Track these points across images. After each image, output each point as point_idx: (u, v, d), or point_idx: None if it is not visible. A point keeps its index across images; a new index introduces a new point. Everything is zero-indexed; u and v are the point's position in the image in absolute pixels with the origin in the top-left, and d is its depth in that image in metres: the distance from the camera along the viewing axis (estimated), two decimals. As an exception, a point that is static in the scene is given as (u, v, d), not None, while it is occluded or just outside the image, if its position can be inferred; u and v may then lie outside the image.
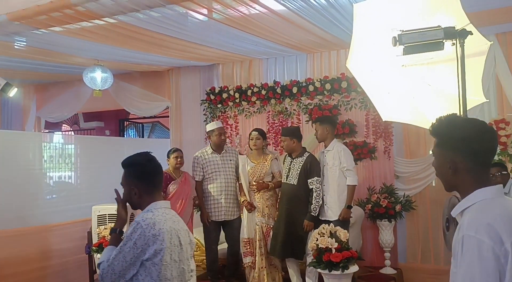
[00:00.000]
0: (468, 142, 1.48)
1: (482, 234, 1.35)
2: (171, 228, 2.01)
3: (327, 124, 4.39)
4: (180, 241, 2.05)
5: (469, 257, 1.36)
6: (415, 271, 5.23)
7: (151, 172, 2.13)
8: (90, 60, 5.66)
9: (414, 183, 5.36)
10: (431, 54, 2.62)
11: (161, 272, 1.95)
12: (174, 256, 2.01)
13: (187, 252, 2.12)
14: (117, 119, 9.34)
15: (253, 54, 5.88)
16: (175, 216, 2.11)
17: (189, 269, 2.16)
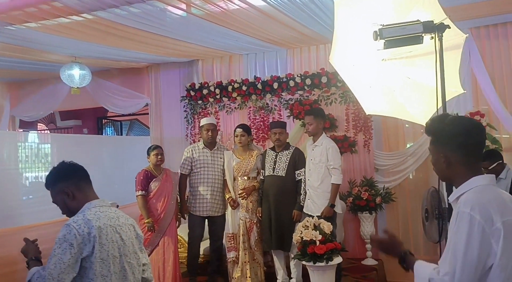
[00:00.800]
0: (458, 136, 1.63)
1: (475, 211, 1.49)
2: (106, 225, 2.02)
3: (320, 118, 4.39)
4: (121, 236, 2.07)
5: (459, 229, 1.51)
6: (396, 261, 5.31)
7: (75, 171, 2.16)
8: (67, 57, 5.55)
9: (393, 175, 5.46)
10: (410, 48, 2.69)
11: (97, 270, 1.95)
12: (113, 252, 2.02)
13: (133, 246, 2.15)
14: (95, 117, 9.18)
15: (233, 50, 5.87)
16: (114, 213, 2.12)
17: (139, 262, 2.19)
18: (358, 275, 4.75)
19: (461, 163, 1.63)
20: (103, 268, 1.98)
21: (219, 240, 4.75)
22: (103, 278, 1.98)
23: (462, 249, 1.48)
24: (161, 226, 4.41)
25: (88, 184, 2.16)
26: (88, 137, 7.94)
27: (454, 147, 1.63)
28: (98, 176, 6.59)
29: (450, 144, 1.64)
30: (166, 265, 4.35)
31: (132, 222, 2.22)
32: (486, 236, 1.47)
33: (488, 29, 5.06)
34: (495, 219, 1.48)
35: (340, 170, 4.26)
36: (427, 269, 1.62)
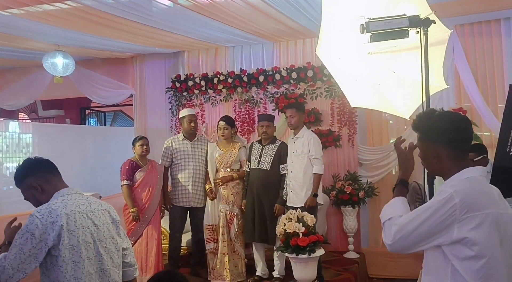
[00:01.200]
0: (446, 132, 1.66)
1: (457, 195, 1.53)
2: (74, 211, 2.03)
3: (302, 111, 4.46)
4: (93, 222, 2.08)
5: (435, 199, 1.58)
6: (377, 255, 5.41)
7: (40, 164, 2.17)
8: (50, 45, 5.45)
9: (377, 170, 5.52)
10: (395, 42, 2.71)
11: (66, 257, 1.96)
12: (84, 238, 2.02)
13: (109, 231, 2.16)
14: (78, 107, 9.06)
15: (219, 42, 5.84)
16: (85, 199, 2.14)
17: (117, 247, 2.20)
18: (340, 268, 4.81)
19: (450, 157, 1.67)
20: (74, 255, 1.98)
21: (201, 232, 4.75)
22: (75, 264, 1.98)
23: (425, 214, 1.56)
24: (145, 216, 4.40)
25: (56, 175, 2.17)
26: (71, 127, 7.84)
27: (444, 142, 1.66)
28: (80, 167, 6.59)
29: (440, 140, 1.67)
30: (149, 256, 4.34)
31: (107, 207, 2.22)
32: (451, 219, 1.52)
33: (472, 27, 5.13)
34: (474, 209, 1.52)
35: (322, 160, 4.30)
36: (396, 210, 1.71)
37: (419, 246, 1.60)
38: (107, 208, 2.22)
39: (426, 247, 1.60)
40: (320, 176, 4.28)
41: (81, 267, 1.99)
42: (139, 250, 4.36)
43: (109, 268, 2.11)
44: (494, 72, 5.06)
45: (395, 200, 1.79)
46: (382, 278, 5.20)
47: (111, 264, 2.12)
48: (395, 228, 1.62)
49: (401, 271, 5.07)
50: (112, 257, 2.14)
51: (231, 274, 4.43)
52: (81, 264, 1.99)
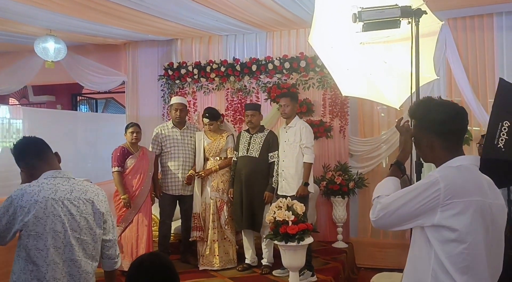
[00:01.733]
0: (442, 123, 1.67)
1: (443, 180, 1.55)
2: (47, 198, 1.99)
3: (295, 101, 4.49)
4: (69, 210, 2.03)
5: (420, 182, 1.61)
6: (365, 245, 5.48)
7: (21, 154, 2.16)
8: (42, 29, 5.39)
9: (367, 161, 5.57)
10: (387, 33, 2.73)
11: (30, 242, 1.96)
12: (53, 226, 1.98)
13: (87, 221, 2.09)
14: (70, 94, 8.99)
15: (213, 30, 5.82)
16: (69, 185, 2.08)
17: (95, 238, 2.14)
18: (328, 257, 4.87)
19: (443, 148, 1.68)
20: (38, 242, 1.96)
21: (190, 220, 4.77)
22: (39, 252, 1.97)
23: (409, 196, 1.59)
24: (135, 203, 4.40)
25: (42, 159, 2.14)
26: (62, 113, 7.77)
27: (438, 133, 1.68)
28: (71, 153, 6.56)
29: (434, 130, 1.68)
30: (139, 242, 4.36)
31: (92, 197, 2.13)
32: (435, 203, 1.55)
33: (465, 21, 5.15)
34: (459, 195, 1.54)
35: (312, 149, 4.33)
36: (385, 189, 1.75)
37: (401, 225, 1.64)
38: (92, 198, 2.13)
39: (409, 226, 1.64)
40: (311, 164, 4.31)
41: (44, 255, 1.97)
42: (129, 236, 4.38)
43: (80, 258, 2.06)
44: (485, 67, 5.10)
45: (386, 180, 1.82)
46: (370, 267, 5.27)
47: (83, 255, 2.08)
48: (380, 206, 1.66)
49: (388, 261, 5.15)
50: (86, 248, 2.09)
51: (221, 260, 4.47)
52: (45, 253, 1.97)
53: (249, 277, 4.33)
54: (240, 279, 4.26)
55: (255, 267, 4.52)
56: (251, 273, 4.43)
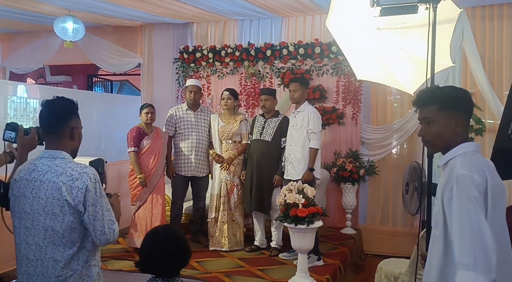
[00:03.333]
0: (468, 102, 1.76)
1: (473, 172, 1.58)
2: (23, 178, 1.96)
3: (305, 85, 4.49)
4: (36, 192, 1.92)
5: (463, 193, 1.56)
6: (374, 232, 5.53)
7: (39, 116, 2.03)
8: (61, 9, 5.46)
9: (378, 149, 5.59)
10: (404, 19, 2.74)
11: (13, 219, 2.00)
12: (23, 207, 1.94)
13: (49, 205, 1.90)
14: (86, 75, 9.10)
15: (229, 15, 5.84)
16: (48, 167, 1.94)
17: (54, 225, 1.90)
18: (336, 242, 4.93)
19: (465, 126, 1.75)
20: (15, 220, 1.99)
21: (202, 201, 4.86)
22: (15, 229, 1.99)
23: (473, 212, 1.52)
24: (150, 183, 4.48)
25: (49, 136, 2.02)
26: (79, 92, 7.87)
27: (465, 111, 1.75)
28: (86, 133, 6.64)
29: (462, 108, 1.74)
30: (154, 221, 4.45)
31: (66, 180, 1.89)
32: (484, 194, 1.57)
33: (484, 10, 5.09)
34: (489, 178, 1.60)
35: (319, 135, 4.33)
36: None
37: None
38: (66, 182, 1.90)
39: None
40: (316, 150, 4.30)
41: (18, 234, 1.98)
42: (143, 215, 4.47)
43: (45, 244, 1.93)
44: (503, 58, 5.05)
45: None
46: (378, 254, 5.31)
47: (49, 240, 1.93)
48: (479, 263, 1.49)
49: (396, 249, 5.18)
50: (45, 235, 1.93)
51: (229, 242, 4.55)
52: (18, 231, 1.97)
53: (257, 258, 4.41)
54: (248, 260, 4.34)
55: (264, 249, 4.60)
56: (259, 254, 4.51)
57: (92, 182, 1.92)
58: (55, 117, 1.99)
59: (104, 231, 1.93)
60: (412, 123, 5.34)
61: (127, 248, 4.56)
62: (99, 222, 1.92)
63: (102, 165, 2.38)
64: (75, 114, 2.06)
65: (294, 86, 4.41)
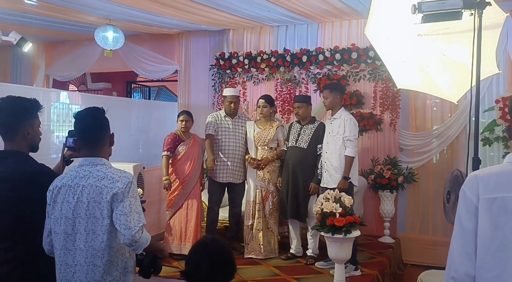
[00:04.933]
0: None
1: (466, 186, 1.53)
2: (65, 184, 2.02)
3: (337, 92, 4.41)
4: (78, 197, 1.99)
5: (459, 205, 1.55)
6: (413, 241, 5.38)
7: (75, 128, 2.15)
8: (102, 19, 5.62)
9: (418, 156, 5.44)
10: (447, 25, 2.66)
11: (51, 225, 2.05)
12: (66, 213, 2.00)
13: (91, 209, 1.98)
14: (125, 81, 9.34)
15: (264, 21, 5.85)
16: (89, 172, 2.03)
17: (94, 228, 1.99)
18: (374, 252, 4.82)
19: None
20: (56, 226, 2.02)
21: (237, 207, 4.87)
22: (56, 235, 2.03)
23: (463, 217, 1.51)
24: (186, 188, 4.54)
25: (87, 143, 2.13)
26: (118, 99, 8.07)
27: None
28: (125, 138, 6.81)
29: None
30: (188, 226, 4.51)
31: (108, 184, 1.98)
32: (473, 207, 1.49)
33: (529, 12, 4.88)
34: (480, 192, 1.49)
35: (356, 142, 4.25)
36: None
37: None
38: (107, 185, 1.99)
39: None
40: (352, 158, 4.21)
41: (57, 240, 2.02)
42: (178, 220, 4.54)
43: (86, 248, 2.00)
44: (548, 60, 4.84)
45: None
46: (417, 264, 5.17)
47: (83, 245, 1.99)
48: None
49: (436, 259, 5.01)
50: (87, 239, 1.99)
51: (264, 250, 4.53)
52: (58, 237, 2.02)
53: (293, 266, 4.37)
54: (284, 268, 4.31)
55: (299, 257, 4.56)
56: (295, 262, 4.47)
57: (129, 183, 2.01)
58: (98, 128, 2.12)
59: (130, 226, 1.95)
60: (453, 130, 5.18)
61: (164, 254, 4.61)
62: (125, 216, 1.96)
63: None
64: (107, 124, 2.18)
65: (325, 93, 4.39)
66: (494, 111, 4.98)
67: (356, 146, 4.28)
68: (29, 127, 2.20)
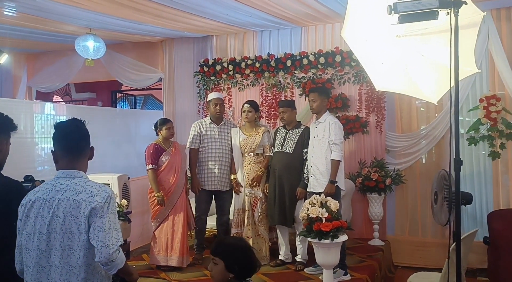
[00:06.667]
0: None
1: None
2: (40, 198, 1.94)
3: (324, 95, 4.40)
4: (53, 211, 1.91)
5: None
6: (403, 243, 5.36)
7: (54, 138, 2.05)
8: (82, 28, 5.56)
9: (404, 157, 5.43)
10: (425, 25, 2.64)
11: (22, 241, 1.96)
12: (39, 228, 1.91)
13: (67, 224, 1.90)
14: (110, 91, 9.26)
15: (247, 26, 5.83)
16: (66, 186, 1.95)
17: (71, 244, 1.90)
18: (364, 255, 4.79)
19: None
20: (28, 242, 1.94)
21: (225, 215, 4.82)
22: (27, 251, 1.94)
23: None
24: (171, 199, 4.45)
25: (64, 155, 2.03)
26: (103, 109, 8.01)
27: None
28: (111, 149, 6.73)
29: None
30: (174, 237, 4.41)
31: (86, 198, 1.92)
32: None
33: (509, 11, 4.93)
34: None
35: (341, 146, 4.22)
36: None
37: None
38: (86, 199, 1.92)
39: None
40: (338, 162, 4.18)
41: (29, 257, 1.94)
42: (165, 231, 4.43)
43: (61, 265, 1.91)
44: (530, 58, 4.86)
45: None
46: (408, 266, 5.15)
47: (58, 262, 1.91)
48: None
49: (427, 260, 5.02)
50: (63, 254, 1.91)
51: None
52: (30, 254, 1.94)
53: (282, 273, 4.32)
54: (273, 275, 4.25)
55: (289, 264, 4.51)
56: (284, 269, 4.42)
57: (108, 198, 1.96)
58: (80, 137, 2.08)
59: (108, 244, 1.88)
60: (439, 130, 5.18)
61: (150, 265, 4.54)
62: (104, 233, 1.89)
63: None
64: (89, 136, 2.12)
65: (313, 96, 4.34)
66: (478, 111, 5.00)
67: (342, 149, 4.25)
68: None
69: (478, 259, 4.83)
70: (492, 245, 4.57)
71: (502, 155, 4.94)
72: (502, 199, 4.97)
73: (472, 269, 4.83)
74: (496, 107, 4.86)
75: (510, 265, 4.35)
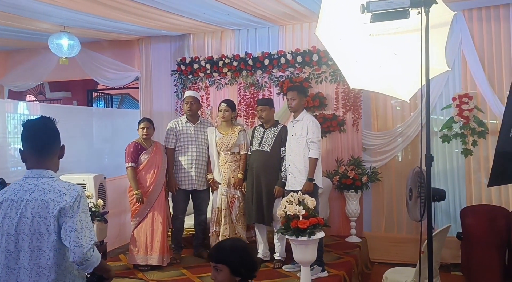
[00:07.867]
0: None
1: None
2: (8, 199, 1.91)
3: (302, 94, 4.43)
4: (21, 212, 1.87)
5: None
6: (379, 239, 5.44)
7: (22, 137, 2.00)
8: (56, 26, 5.45)
9: (380, 155, 5.51)
10: (398, 24, 2.69)
11: None
12: (7, 229, 1.88)
13: (36, 225, 1.87)
14: (85, 90, 9.11)
15: (225, 25, 5.82)
16: (34, 186, 1.92)
17: (40, 245, 1.88)
18: (341, 252, 4.84)
19: None
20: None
21: (203, 214, 4.80)
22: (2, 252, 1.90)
23: None
24: (150, 198, 4.42)
25: (33, 155, 1.99)
26: (78, 109, 7.87)
27: None
28: (87, 148, 6.64)
29: None
30: (154, 236, 4.38)
31: (55, 197, 1.88)
32: None
33: (480, 12, 5.04)
34: None
35: (319, 144, 4.26)
36: None
37: None
38: (55, 199, 1.89)
39: None
40: (316, 160, 4.22)
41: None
42: (144, 230, 4.40)
43: (30, 266, 1.88)
44: (501, 58, 4.99)
45: None
46: (384, 262, 5.23)
47: (27, 263, 1.88)
48: None
49: (402, 256, 5.09)
50: (32, 256, 1.88)
51: (233, 255, 4.47)
52: (0, 255, 1.90)
53: (261, 271, 4.28)
54: (252, 273, 4.25)
55: (267, 261, 4.52)
56: (263, 267, 4.41)
57: (78, 197, 1.92)
58: (49, 136, 2.02)
59: (81, 244, 1.85)
60: (414, 128, 5.27)
61: (128, 265, 4.49)
62: (76, 233, 1.86)
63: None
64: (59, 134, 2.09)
65: (292, 94, 4.36)
66: (451, 109, 5.11)
67: (320, 147, 4.29)
68: None
69: (452, 254, 4.94)
70: (465, 240, 4.68)
71: (474, 152, 5.06)
72: (475, 195, 5.09)
73: (446, 264, 4.95)
74: (469, 106, 4.97)
75: (482, 259, 4.47)
